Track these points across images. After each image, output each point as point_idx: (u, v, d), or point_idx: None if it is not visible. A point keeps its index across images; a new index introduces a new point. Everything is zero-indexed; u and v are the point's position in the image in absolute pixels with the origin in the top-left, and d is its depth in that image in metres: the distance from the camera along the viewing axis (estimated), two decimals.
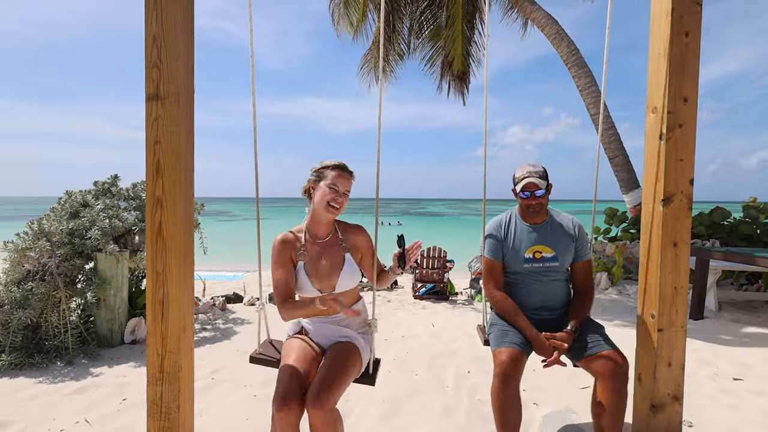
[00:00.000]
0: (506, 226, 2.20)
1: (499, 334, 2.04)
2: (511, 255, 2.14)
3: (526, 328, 2.00)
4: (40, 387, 2.95)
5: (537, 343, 1.96)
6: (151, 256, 1.88)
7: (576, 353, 1.98)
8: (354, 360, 1.76)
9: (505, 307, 2.08)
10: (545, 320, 2.11)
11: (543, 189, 2.08)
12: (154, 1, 1.82)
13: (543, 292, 2.12)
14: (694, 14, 1.97)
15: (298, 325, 1.96)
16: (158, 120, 1.84)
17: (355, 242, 1.92)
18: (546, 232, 2.15)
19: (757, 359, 3.45)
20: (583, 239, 2.17)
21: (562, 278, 2.17)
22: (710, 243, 6.26)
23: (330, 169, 1.85)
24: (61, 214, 3.85)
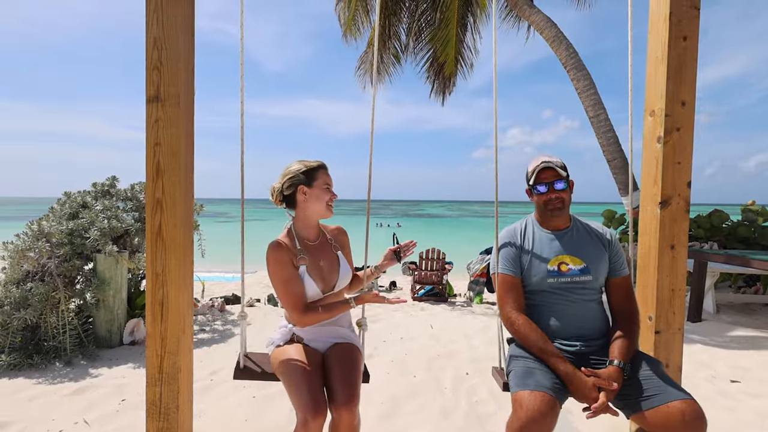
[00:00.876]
0: (522, 235, 1.80)
1: (522, 373, 1.54)
2: (531, 269, 1.72)
3: (558, 361, 1.50)
4: (39, 388, 2.94)
5: (576, 382, 1.45)
6: (151, 257, 1.88)
7: (629, 401, 1.47)
8: (360, 360, 1.77)
9: (530, 334, 1.59)
10: (580, 354, 1.62)
11: (563, 180, 1.71)
12: (155, 3, 1.83)
13: (574, 315, 1.66)
14: (692, 18, 1.98)
15: (289, 333, 1.85)
16: (158, 122, 1.85)
17: (341, 241, 1.96)
18: (572, 239, 1.75)
19: (754, 362, 3.46)
20: (618, 249, 1.78)
21: (597, 298, 1.74)
22: (708, 246, 6.28)
23: (317, 170, 1.82)
24: (60, 215, 3.85)
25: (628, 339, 1.58)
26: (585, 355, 1.63)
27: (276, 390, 2.89)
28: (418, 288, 6.63)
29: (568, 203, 1.76)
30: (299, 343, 1.81)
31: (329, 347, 1.81)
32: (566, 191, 1.74)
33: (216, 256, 9.49)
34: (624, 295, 1.73)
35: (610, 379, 1.44)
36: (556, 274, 1.69)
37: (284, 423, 2.47)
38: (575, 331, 1.65)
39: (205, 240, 4.89)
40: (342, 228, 1.99)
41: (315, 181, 1.80)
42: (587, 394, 1.43)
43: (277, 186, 1.86)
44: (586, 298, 1.69)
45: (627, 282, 1.76)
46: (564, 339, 1.65)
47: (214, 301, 5.35)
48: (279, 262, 1.73)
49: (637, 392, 1.46)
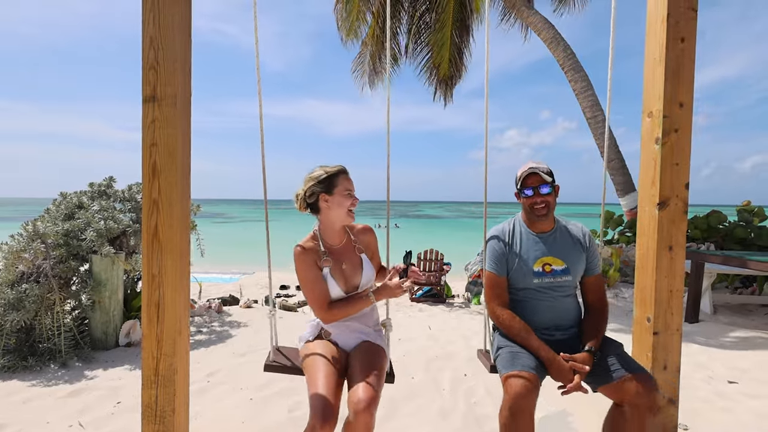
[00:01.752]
0: (510, 236, 1.95)
1: (508, 357, 1.76)
2: (518, 269, 1.89)
3: (539, 348, 1.74)
4: (33, 390, 2.92)
5: (555, 365, 1.69)
6: (147, 258, 1.87)
7: (598, 378, 1.73)
8: (384, 362, 1.80)
9: (514, 327, 1.82)
10: (557, 341, 1.86)
11: (548, 185, 1.86)
12: (151, 3, 1.82)
13: (554, 309, 1.89)
14: (690, 20, 1.98)
15: (318, 328, 1.92)
16: (155, 122, 1.84)
17: (365, 242, 1.98)
18: (555, 241, 1.93)
19: (751, 362, 3.47)
20: (594, 250, 1.97)
21: (573, 293, 1.96)
22: (705, 246, 6.30)
23: (337, 176, 1.85)
24: (56, 216, 3.83)
25: (599, 329, 1.85)
26: (561, 341, 1.86)
27: (273, 392, 2.88)
28: (417, 289, 6.62)
29: (553, 207, 1.90)
30: (327, 340, 1.87)
31: (355, 346, 1.85)
32: (551, 195, 1.88)
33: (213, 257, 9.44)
34: (597, 291, 1.96)
35: (583, 363, 1.69)
36: (541, 275, 1.87)
37: (281, 425, 2.45)
38: (554, 322, 1.89)
39: (203, 240, 4.87)
40: (369, 227, 2.02)
41: (335, 188, 1.83)
42: (566, 376, 1.68)
43: (300, 193, 1.90)
44: (564, 294, 1.90)
45: (600, 280, 1.98)
46: (544, 329, 1.87)
47: (211, 303, 5.33)
48: (304, 263, 1.80)
49: (603, 370, 1.72)
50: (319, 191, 1.84)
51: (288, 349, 2.13)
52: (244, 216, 52.54)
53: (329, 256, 1.86)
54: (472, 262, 6.97)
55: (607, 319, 1.90)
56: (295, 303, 6.07)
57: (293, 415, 2.56)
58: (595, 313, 1.90)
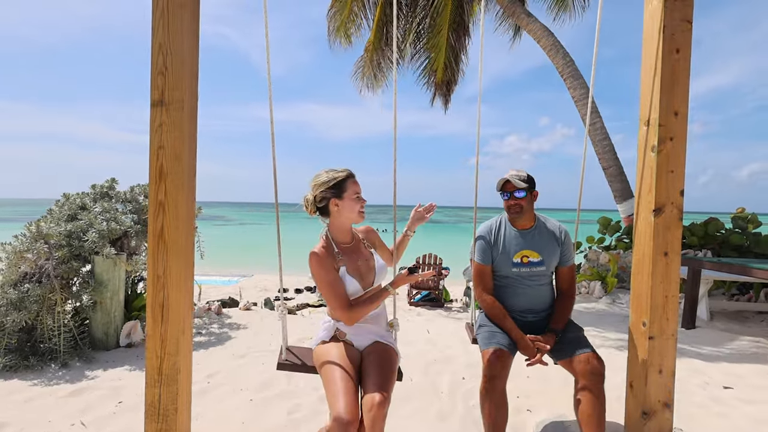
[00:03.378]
0: (496, 231, 2.29)
1: (487, 335, 2.15)
2: (501, 259, 2.24)
3: (512, 329, 2.12)
4: (35, 389, 2.94)
5: (522, 344, 2.09)
6: (153, 259, 1.90)
7: (558, 353, 2.12)
8: (395, 362, 1.89)
9: (494, 310, 2.20)
10: (530, 322, 2.23)
11: (522, 190, 2.17)
12: (161, 9, 1.87)
13: (529, 295, 2.23)
14: (685, 32, 2.04)
15: (333, 329, 1.95)
16: (162, 126, 1.88)
17: (371, 240, 2.10)
18: (534, 237, 2.25)
19: (747, 368, 3.50)
20: (569, 245, 2.27)
21: (547, 282, 2.29)
22: (703, 253, 6.35)
23: (346, 181, 1.90)
24: (58, 217, 3.86)
25: (564, 312, 2.19)
26: (535, 322, 2.23)
27: (273, 393, 2.90)
28: (415, 293, 6.64)
29: (528, 208, 2.22)
30: (341, 341, 1.92)
31: (368, 345, 1.92)
32: (524, 199, 2.19)
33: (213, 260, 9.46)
34: (568, 279, 2.28)
35: (545, 342, 2.07)
36: (519, 265, 2.22)
37: (281, 427, 2.47)
38: (529, 306, 2.24)
39: (204, 242, 4.90)
40: (370, 227, 2.15)
41: (345, 192, 1.89)
42: (530, 352, 2.07)
43: (309, 198, 1.96)
44: (539, 282, 2.25)
45: (572, 270, 2.29)
46: (521, 311, 2.24)
47: (211, 305, 5.35)
48: (322, 267, 1.84)
49: (563, 347, 2.10)
50: (330, 196, 1.89)
51: (298, 349, 2.19)
52: (243, 219, 52.53)
53: (343, 256, 1.92)
54: (469, 267, 7.00)
55: (572, 305, 2.24)
56: (294, 306, 6.09)
57: (293, 417, 2.58)
58: (563, 298, 2.24)
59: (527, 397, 2.87)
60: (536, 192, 2.26)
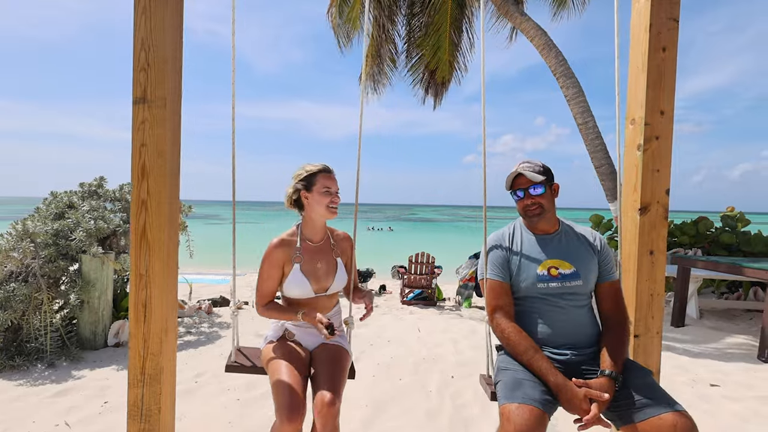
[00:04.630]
0: (511, 239, 1.76)
1: (510, 384, 1.48)
2: (519, 274, 1.68)
3: (549, 372, 1.45)
4: (20, 389, 2.90)
5: (567, 393, 1.40)
6: (135, 258, 1.88)
7: (620, 412, 1.43)
8: (346, 362, 1.84)
9: (520, 344, 1.54)
10: (571, 363, 1.57)
11: (539, 184, 1.68)
12: (143, 5, 1.84)
13: (564, 322, 1.62)
14: (671, 30, 2.04)
15: (281, 329, 1.95)
16: (145, 123, 1.85)
17: (343, 248, 2.00)
18: (561, 243, 1.72)
19: (734, 366, 3.53)
20: (608, 252, 1.75)
21: (587, 304, 1.69)
22: (693, 252, 6.39)
23: (318, 175, 1.88)
24: (46, 215, 3.81)
25: (619, 348, 1.54)
26: (575, 363, 1.57)
27: (260, 393, 2.88)
28: (407, 292, 6.65)
29: (549, 207, 1.71)
30: (290, 340, 1.90)
31: (317, 346, 1.89)
32: (544, 196, 1.69)
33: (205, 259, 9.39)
34: (613, 300, 1.69)
35: (601, 390, 1.40)
36: (547, 279, 1.64)
37: (268, 426, 2.45)
38: (566, 339, 1.60)
39: (193, 241, 4.87)
40: (349, 236, 2.04)
41: (314, 186, 1.87)
42: (579, 405, 1.38)
43: (288, 190, 1.96)
44: (576, 304, 1.64)
45: (616, 287, 1.73)
46: (554, 347, 1.59)
47: (202, 304, 5.32)
48: (268, 259, 1.86)
49: (628, 403, 1.41)
50: (301, 188, 1.89)
51: (249, 350, 2.12)
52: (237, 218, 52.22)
53: (304, 254, 1.89)
54: (462, 266, 7.01)
55: (628, 336, 1.64)
56: None
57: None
58: (613, 328, 1.61)
59: None
60: (556, 185, 1.77)
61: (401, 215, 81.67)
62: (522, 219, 1.81)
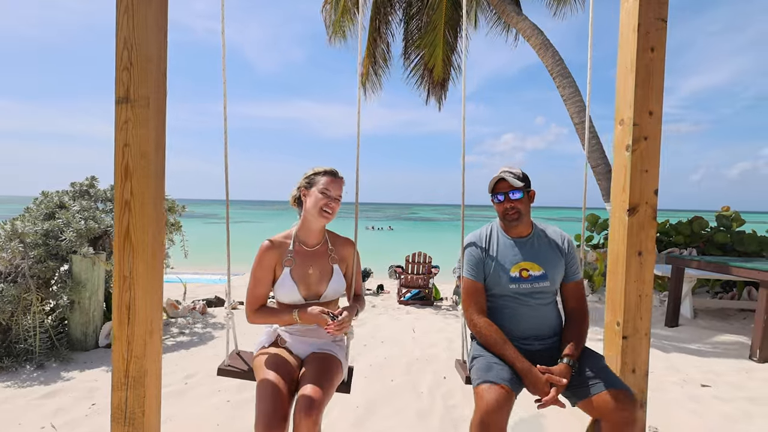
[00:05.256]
0: (487, 241, 1.92)
1: (483, 368, 1.69)
2: (494, 275, 1.85)
3: (516, 359, 1.67)
4: (7, 391, 2.89)
5: (530, 378, 1.63)
6: (119, 260, 1.86)
7: (575, 391, 1.65)
8: (337, 372, 1.74)
9: (491, 335, 1.75)
10: (536, 351, 1.80)
11: (519, 190, 1.83)
12: (125, 4, 1.82)
13: (532, 317, 1.83)
14: (659, 30, 2.03)
15: (274, 335, 1.89)
16: (128, 123, 1.83)
17: (343, 254, 1.91)
18: (533, 246, 1.89)
19: (727, 366, 3.52)
20: (574, 255, 1.94)
21: (553, 301, 1.90)
22: (688, 251, 6.39)
23: (321, 175, 1.84)
24: (36, 215, 3.79)
25: (578, 339, 1.78)
26: (540, 351, 1.80)
27: (251, 395, 2.87)
28: (405, 291, 6.64)
29: (525, 211, 1.87)
30: (282, 347, 1.84)
31: (308, 354, 1.82)
32: (522, 201, 1.84)
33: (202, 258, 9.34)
34: (576, 298, 1.90)
35: (560, 375, 1.62)
36: (518, 281, 1.83)
37: None
38: (532, 332, 1.82)
39: (188, 241, 4.85)
40: (351, 241, 1.95)
41: (315, 185, 1.83)
42: (541, 388, 1.61)
43: (294, 188, 1.93)
44: (543, 302, 1.84)
45: (580, 286, 1.92)
46: (522, 338, 1.81)
47: (196, 304, 5.30)
48: (259, 261, 1.80)
49: (582, 383, 1.65)
50: (303, 186, 1.86)
51: (247, 354, 2.06)
52: (235, 217, 52.30)
53: (295, 257, 1.82)
54: (458, 266, 7.01)
55: (587, 328, 1.85)
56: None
57: None
58: (574, 321, 1.84)
59: None
60: (533, 192, 1.93)
61: (401, 214, 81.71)
62: (499, 221, 1.96)
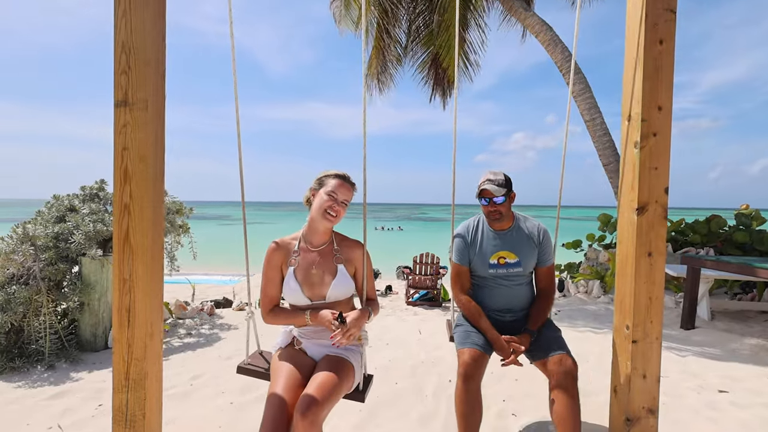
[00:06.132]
0: (473, 232, 2.29)
1: (463, 335, 2.16)
2: (478, 260, 2.23)
3: (487, 330, 2.12)
4: (18, 391, 2.93)
5: (497, 344, 2.09)
6: (118, 263, 1.86)
7: (534, 354, 2.12)
8: (347, 376, 1.73)
9: (470, 309, 2.20)
10: (508, 322, 2.23)
11: (501, 196, 2.15)
12: (123, 8, 1.82)
13: (506, 295, 2.24)
14: (668, 22, 1.95)
15: (290, 336, 1.92)
16: (126, 126, 1.84)
17: (350, 256, 1.91)
18: (511, 238, 2.25)
19: (745, 371, 3.40)
20: (547, 245, 2.26)
21: (526, 282, 2.28)
22: (705, 251, 6.21)
23: (331, 178, 1.88)
24: (47, 219, 3.85)
25: (541, 313, 2.19)
26: (512, 322, 2.23)
27: (255, 396, 2.86)
28: (413, 293, 6.59)
29: (506, 212, 2.21)
30: (297, 348, 1.89)
31: (323, 357, 1.84)
32: (503, 204, 2.18)
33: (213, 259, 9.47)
34: (546, 279, 2.27)
35: (521, 343, 2.06)
36: (496, 267, 2.23)
37: None
38: (506, 306, 2.24)
39: (197, 243, 4.89)
40: (360, 243, 1.94)
41: (323, 187, 1.87)
42: (505, 353, 2.05)
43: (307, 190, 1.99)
44: (517, 283, 2.24)
45: (550, 270, 2.29)
46: (498, 311, 2.24)
47: (204, 305, 5.33)
48: (267, 262, 1.88)
49: (539, 348, 2.10)
50: (313, 188, 1.91)
51: (270, 354, 2.08)
52: (250, 218, 52.87)
53: (300, 258, 1.86)
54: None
55: (551, 305, 2.24)
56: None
57: None
58: (541, 299, 2.24)
59: (512, 400, 2.80)
60: (514, 194, 2.26)
61: (411, 215, 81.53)
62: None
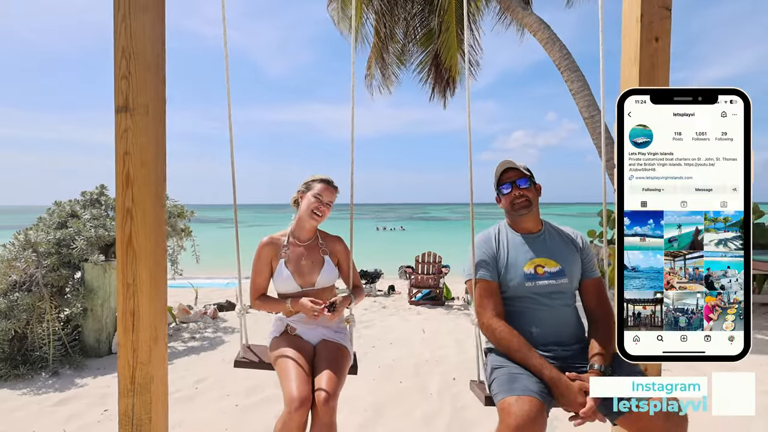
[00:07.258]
0: (497, 240, 1.77)
1: (507, 379, 1.48)
2: (507, 273, 1.68)
3: (543, 367, 1.45)
4: (23, 398, 2.94)
5: (561, 387, 1.40)
6: (121, 267, 1.87)
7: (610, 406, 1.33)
8: (347, 360, 1.93)
9: (512, 342, 1.54)
10: (559, 359, 1.57)
11: (526, 179, 1.71)
12: (123, 13, 1.83)
13: (552, 320, 1.64)
14: (663, 19, 1.96)
15: (283, 325, 2.04)
16: (127, 132, 1.84)
17: (333, 249, 2.13)
18: (545, 242, 1.73)
19: (744, 364, 3.40)
20: (590, 251, 1.78)
21: (572, 302, 1.71)
22: None
23: (318, 182, 2.06)
24: (49, 225, 3.87)
25: (607, 342, 1.55)
26: (562, 359, 1.58)
27: (260, 398, 2.88)
28: (415, 292, 6.60)
29: (535, 202, 1.74)
30: (292, 335, 2.01)
31: (319, 341, 1.99)
32: (530, 189, 1.73)
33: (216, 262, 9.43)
34: (597, 297, 1.69)
35: None
36: (534, 278, 1.65)
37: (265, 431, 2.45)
38: (554, 338, 1.62)
39: (200, 246, 4.91)
40: (340, 238, 2.17)
41: (310, 190, 2.05)
42: (574, 399, 1.37)
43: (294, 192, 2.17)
44: (562, 302, 1.66)
45: (600, 284, 1.73)
46: (543, 345, 1.60)
47: (207, 308, 5.35)
48: (258, 255, 2.04)
49: None
50: (301, 190, 2.09)
51: (258, 347, 2.18)
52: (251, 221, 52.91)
53: (290, 251, 2.04)
54: (467, 271, 6.96)
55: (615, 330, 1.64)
56: None
57: None
58: (599, 323, 1.63)
59: None
60: (539, 185, 1.80)
61: (414, 214, 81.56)
62: (506, 219, 1.82)
